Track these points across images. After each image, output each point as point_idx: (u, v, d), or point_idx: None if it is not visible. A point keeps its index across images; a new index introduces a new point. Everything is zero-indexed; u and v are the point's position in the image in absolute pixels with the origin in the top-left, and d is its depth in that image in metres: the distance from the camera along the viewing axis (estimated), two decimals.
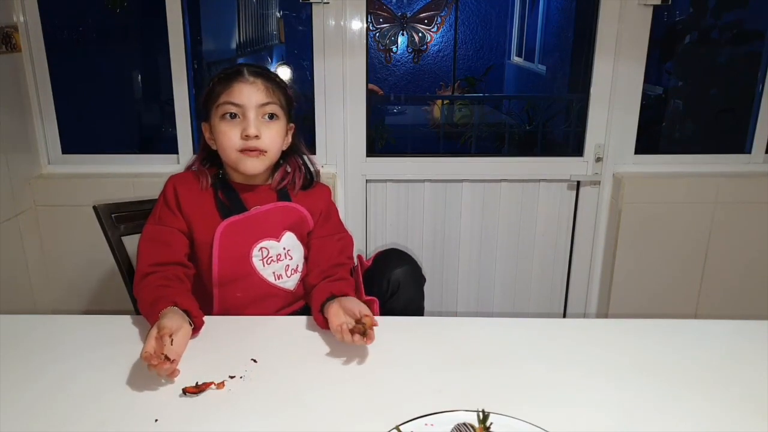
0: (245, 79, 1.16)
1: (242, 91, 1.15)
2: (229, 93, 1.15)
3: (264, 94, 1.16)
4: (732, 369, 0.98)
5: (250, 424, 0.83)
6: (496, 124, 2.59)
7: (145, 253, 1.16)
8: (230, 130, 1.15)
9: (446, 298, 2.24)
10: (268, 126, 1.17)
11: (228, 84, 1.15)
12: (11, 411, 0.86)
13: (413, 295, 1.25)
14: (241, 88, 1.15)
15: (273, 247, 1.21)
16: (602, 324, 1.22)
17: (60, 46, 2.05)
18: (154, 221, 1.20)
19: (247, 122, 1.14)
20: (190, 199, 1.19)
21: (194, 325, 1.04)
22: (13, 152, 1.91)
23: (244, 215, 1.20)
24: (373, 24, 2.09)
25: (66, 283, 2.07)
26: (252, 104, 1.15)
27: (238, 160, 1.17)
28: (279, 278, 1.23)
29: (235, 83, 1.15)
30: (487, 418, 0.76)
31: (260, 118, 1.16)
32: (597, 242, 2.15)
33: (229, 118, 1.15)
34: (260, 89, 1.16)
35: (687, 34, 2.40)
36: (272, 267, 1.21)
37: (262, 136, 1.15)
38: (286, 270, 1.23)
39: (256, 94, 1.15)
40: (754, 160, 2.10)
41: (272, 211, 1.22)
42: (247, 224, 1.19)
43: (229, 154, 1.17)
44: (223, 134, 1.16)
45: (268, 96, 1.16)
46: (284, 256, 1.22)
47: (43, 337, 1.06)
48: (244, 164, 1.17)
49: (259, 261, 1.20)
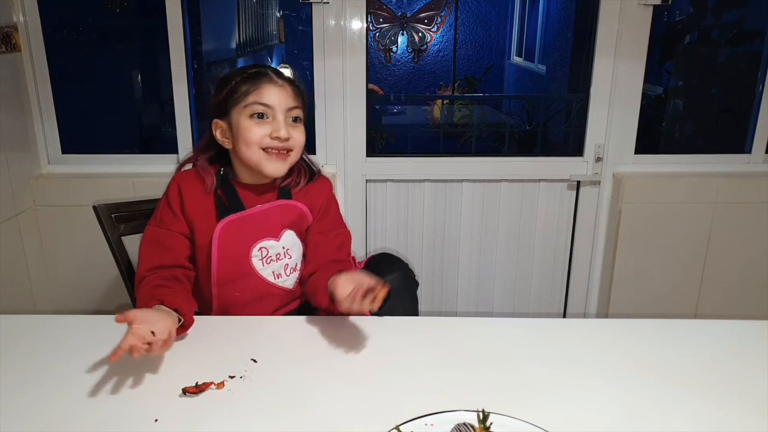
0: (275, 82, 1.17)
1: (272, 92, 1.16)
2: (259, 93, 1.15)
3: (292, 98, 1.18)
4: (732, 369, 0.98)
5: (250, 424, 0.83)
6: (496, 124, 2.59)
7: (145, 255, 1.16)
8: (258, 128, 1.16)
9: (446, 298, 2.24)
10: (294, 128, 1.19)
11: (256, 84, 1.16)
12: (11, 411, 0.86)
13: (405, 303, 1.24)
14: (271, 89, 1.16)
15: (272, 246, 1.21)
16: (602, 324, 1.22)
17: (60, 46, 2.05)
18: (156, 223, 1.20)
19: (278, 124, 1.16)
20: (193, 201, 1.19)
21: (182, 321, 1.03)
22: (13, 152, 1.91)
23: (242, 214, 1.19)
24: (373, 24, 2.09)
25: (66, 283, 2.07)
26: (282, 107, 1.16)
27: (260, 161, 1.17)
28: (278, 277, 1.23)
29: (265, 84, 1.16)
30: (487, 418, 0.76)
31: (287, 120, 1.18)
32: (597, 242, 2.15)
33: (257, 117, 1.16)
34: (289, 93, 1.18)
35: (687, 34, 2.40)
36: (272, 266, 1.21)
37: (292, 135, 1.17)
38: (285, 269, 1.23)
39: (285, 98, 1.17)
40: (754, 160, 2.10)
41: (272, 209, 1.22)
42: (245, 223, 1.19)
43: (252, 153, 1.17)
44: (250, 132, 1.16)
45: (296, 100, 1.19)
46: (284, 255, 1.22)
47: (43, 337, 1.06)
48: (267, 166, 1.17)
49: (259, 261, 1.20)
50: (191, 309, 1.08)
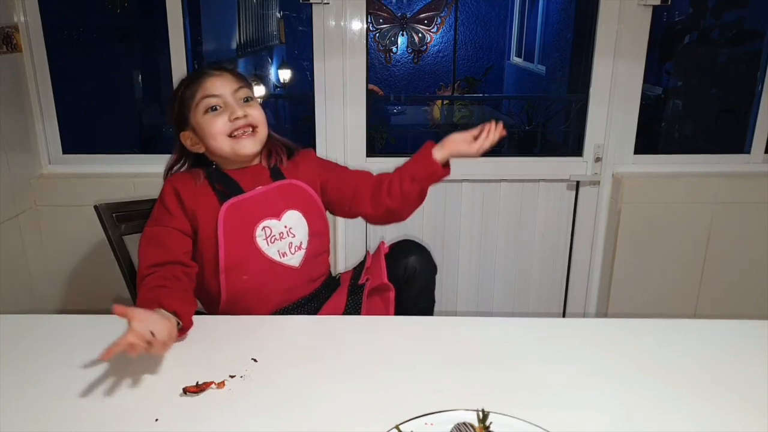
0: (212, 74, 1.23)
1: (215, 83, 1.21)
2: (203, 88, 1.21)
3: (234, 80, 1.23)
4: (732, 369, 0.98)
5: (250, 424, 0.83)
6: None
7: (144, 255, 1.17)
8: (217, 119, 1.20)
9: (446, 298, 2.24)
10: (249, 106, 1.23)
11: (198, 83, 1.22)
12: (11, 411, 0.86)
13: (426, 283, 1.30)
14: (213, 81, 1.21)
15: (274, 225, 1.23)
16: (602, 324, 1.22)
17: (60, 46, 2.05)
18: (152, 223, 1.22)
19: (231, 107, 1.21)
20: (191, 194, 1.21)
21: (181, 325, 1.03)
22: (14, 152, 1.91)
23: (244, 196, 1.23)
24: (373, 24, 2.09)
25: (66, 283, 2.07)
26: (228, 91, 1.21)
27: (232, 146, 1.21)
28: (284, 256, 1.24)
29: (205, 79, 1.22)
30: (486, 417, 0.76)
31: (239, 102, 1.22)
32: (596, 242, 2.15)
33: (212, 111, 1.21)
34: (229, 78, 1.23)
35: (687, 34, 2.40)
36: (276, 245, 1.23)
37: (248, 113, 1.22)
38: (290, 247, 1.25)
39: (228, 83, 1.22)
40: (753, 160, 2.10)
41: (271, 190, 1.25)
42: (248, 204, 1.23)
43: (222, 143, 1.21)
44: (211, 125, 1.20)
45: (239, 81, 1.24)
46: (286, 234, 1.24)
47: (43, 337, 1.06)
48: (239, 147, 1.22)
49: (263, 240, 1.22)
50: (190, 311, 1.08)
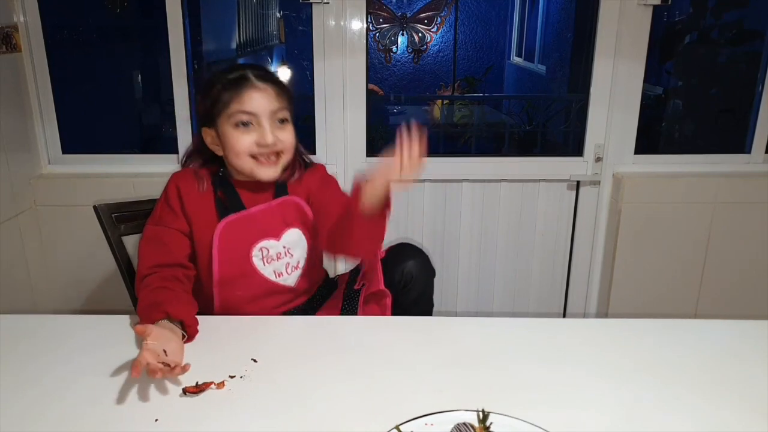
0: (255, 86, 1.14)
1: (253, 98, 1.13)
2: (240, 101, 1.13)
3: (275, 100, 1.15)
4: (732, 369, 0.98)
5: (250, 424, 0.83)
6: (496, 124, 2.59)
7: (145, 254, 1.16)
8: (244, 137, 1.14)
9: (446, 298, 2.24)
10: (282, 129, 1.17)
11: (237, 91, 1.13)
12: (11, 411, 0.86)
13: (424, 288, 1.25)
14: (252, 95, 1.13)
15: (273, 246, 1.21)
16: (602, 324, 1.22)
17: (60, 46, 2.05)
18: (155, 221, 1.20)
19: (263, 131, 1.14)
20: (192, 198, 1.19)
21: (187, 334, 1.04)
22: (13, 152, 1.91)
23: (242, 214, 1.19)
24: (373, 24, 2.09)
25: (66, 283, 2.07)
26: (265, 112, 1.14)
27: (252, 168, 1.17)
28: (279, 276, 1.23)
29: (245, 90, 1.13)
30: (487, 418, 0.76)
31: (274, 122, 1.16)
32: (597, 242, 2.15)
33: (242, 126, 1.15)
34: (271, 96, 1.15)
35: (687, 34, 2.40)
36: (272, 265, 1.21)
37: (279, 139, 1.16)
38: (287, 267, 1.23)
39: (268, 102, 1.14)
40: (754, 160, 2.10)
41: (270, 209, 1.22)
42: (245, 223, 1.19)
43: (243, 162, 1.17)
44: (237, 141, 1.15)
45: (279, 101, 1.16)
46: (284, 254, 1.22)
47: (43, 337, 1.06)
48: (259, 172, 1.17)
49: (260, 260, 1.20)
50: (194, 315, 1.08)
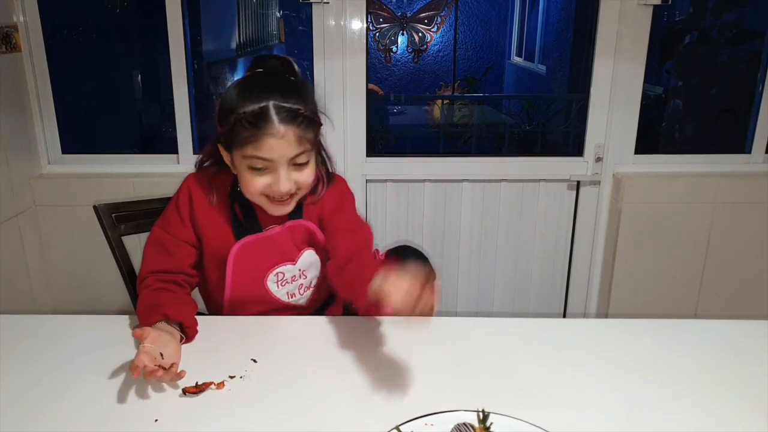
0: (276, 132, 1.02)
1: (273, 147, 1.02)
2: (257, 147, 1.02)
3: (295, 146, 1.04)
4: (732, 369, 0.98)
5: (250, 424, 0.83)
6: (496, 124, 2.59)
7: (149, 257, 1.15)
8: (258, 180, 1.06)
9: (446, 298, 2.24)
10: (298, 171, 1.07)
11: (256, 135, 1.02)
12: (11, 411, 0.86)
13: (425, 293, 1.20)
14: (271, 144, 1.02)
15: (288, 270, 1.18)
16: (602, 324, 1.22)
17: (60, 46, 2.05)
18: (163, 225, 1.16)
19: (278, 178, 1.05)
20: (204, 210, 1.14)
21: (186, 336, 1.03)
22: (13, 152, 1.91)
23: (259, 236, 1.14)
24: (373, 24, 2.09)
25: (66, 283, 2.07)
26: (283, 160, 1.04)
27: (263, 204, 1.10)
28: (292, 297, 1.21)
29: (265, 137, 1.02)
30: (487, 418, 0.76)
31: (290, 167, 1.06)
32: (597, 242, 2.15)
33: (257, 169, 1.05)
34: (291, 142, 1.03)
35: (687, 34, 2.40)
36: (286, 288, 1.19)
37: (295, 181, 1.07)
38: (300, 288, 1.21)
39: (287, 148, 1.03)
40: (754, 160, 2.10)
41: (285, 231, 1.16)
42: (262, 246, 1.15)
43: (255, 198, 1.10)
44: (250, 183, 1.07)
45: (299, 146, 1.05)
46: (299, 277, 1.20)
47: (43, 337, 1.06)
48: (270, 209, 1.10)
49: (274, 284, 1.18)
50: (193, 316, 1.07)
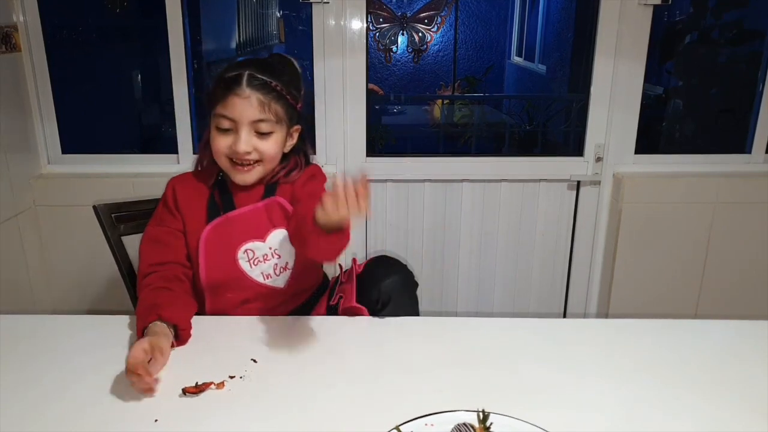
0: (241, 93, 1.11)
1: (235, 106, 1.11)
2: (224, 105, 1.12)
3: (258, 110, 1.12)
4: (732, 369, 0.98)
5: (250, 424, 0.83)
6: (496, 124, 2.59)
7: (145, 253, 1.18)
8: (221, 139, 1.14)
9: (446, 298, 2.24)
10: (260, 139, 1.15)
11: (225, 93, 1.12)
12: (11, 411, 0.86)
13: (405, 305, 1.20)
14: (235, 102, 1.11)
15: (258, 248, 1.19)
16: (602, 324, 1.22)
17: (60, 46, 2.05)
18: (155, 222, 1.22)
19: (238, 137, 1.12)
20: (187, 201, 1.20)
21: (179, 337, 1.04)
22: (13, 152, 1.91)
23: (226, 217, 1.19)
24: (373, 24, 2.09)
25: (66, 283, 2.07)
26: (245, 120, 1.12)
27: (228, 170, 1.18)
28: (268, 278, 1.21)
29: (231, 95, 1.12)
30: (487, 418, 0.76)
31: (252, 133, 1.14)
32: (597, 242, 2.15)
33: (223, 129, 1.14)
34: (254, 105, 1.12)
35: (687, 34, 2.40)
36: (260, 267, 1.20)
37: (256, 148, 1.14)
38: (275, 269, 1.21)
39: (249, 110, 1.12)
40: (754, 160, 2.10)
41: (255, 210, 1.20)
42: (229, 226, 1.19)
43: (221, 162, 1.18)
44: (214, 141, 1.15)
45: (262, 112, 1.13)
46: (271, 256, 1.20)
47: (43, 337, 1.06)
48: (234, 176, 1.17)
49: (246, 263, 1.19)
50: (188, 318, 1.08)
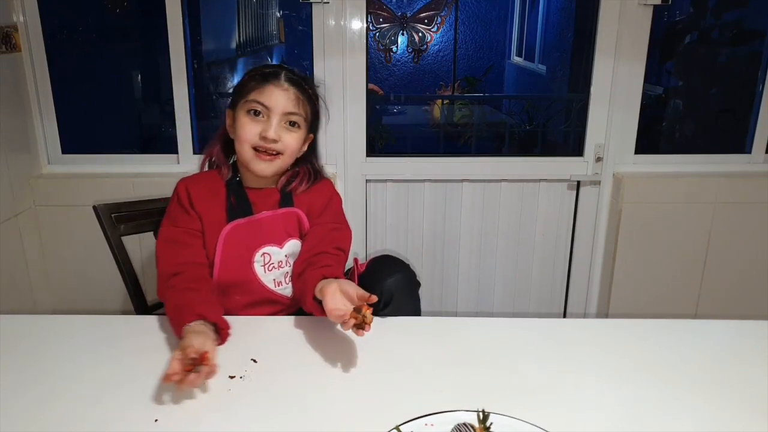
0: (280, 84, 1.18)
1: (273, 94, 1.17)
2: (260, 92, 1.17)
3: (293, 103, 1.18)
4: (732, 369, 0.98)
5: (250, 424, 0.83)
6: (496, 124, 2.59)
7: (166, 255, 1.16)
8: (251, 125, 1.17)
9: (446, 298, 2.24)
10: (288, 131, 1.19)
11: (263, 84, 1.18)
12: (11, 411, 0.86)
13: (407, 304, 1.21)
14: (273, 91, 1.17)
15: (275, 253, 1.21)
16: (602, 324, 1.22)
17: (60, 46, 2.05)
18: (169, 223, 1.20)
19: (269, 124, 1.16)
20: (202, 200, 1.20)
21: (220, 338, 1.03)
22: (13, 152, 1.91)
23: (248, 219, 1.20)
24: (373, 24, 2.09)
25: (66, 283, 2.07)
26: (279, 110, 1.17)
27: (250, 159, 1.19)
28: (279, 285, 1.23)
29: (269, 85, 1.17)
30: (487, 418, 0.76)
31: (282, 123, 1.18)
32: (597, 242, 2.15)
33: (253, 114, 1.17)
34: (291, 98, 1.18)
35: (687, 34, 2.40)
36: (273, 274, 1.22)
37: (281, 139, 1.18)
38: (286, 277, 1.23)
39: (285, 101, 1.17)
40: (754, 160, 2.10)
41: (276, 216, 1.22)
42: (250, 228, 1.20)
43: (244, 150, 1.18)
44: (243, 127, 1.18)
45: (296, 106, 1.19)
46: (285, 264, 1.23)
47: (43, 337, 1.06)
48: (255, 164, 1.18)
49: (261, 267, 1.20)
50: (224, 318, 1.07)
